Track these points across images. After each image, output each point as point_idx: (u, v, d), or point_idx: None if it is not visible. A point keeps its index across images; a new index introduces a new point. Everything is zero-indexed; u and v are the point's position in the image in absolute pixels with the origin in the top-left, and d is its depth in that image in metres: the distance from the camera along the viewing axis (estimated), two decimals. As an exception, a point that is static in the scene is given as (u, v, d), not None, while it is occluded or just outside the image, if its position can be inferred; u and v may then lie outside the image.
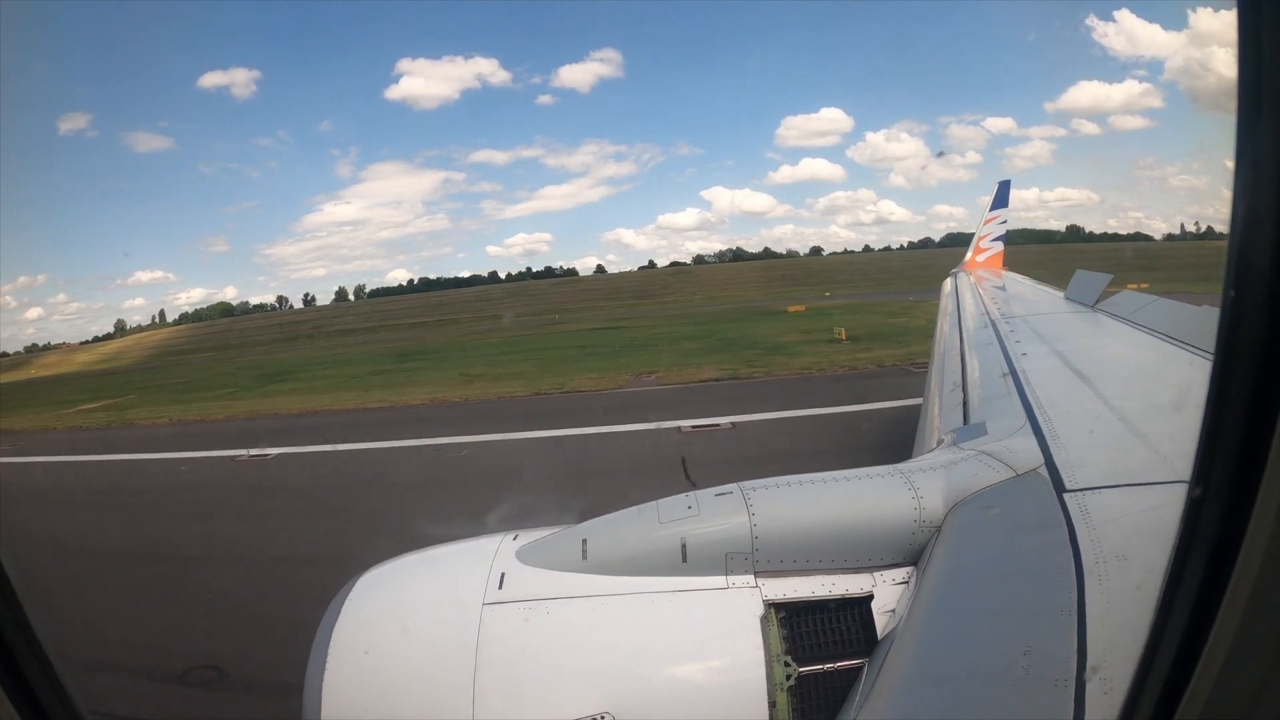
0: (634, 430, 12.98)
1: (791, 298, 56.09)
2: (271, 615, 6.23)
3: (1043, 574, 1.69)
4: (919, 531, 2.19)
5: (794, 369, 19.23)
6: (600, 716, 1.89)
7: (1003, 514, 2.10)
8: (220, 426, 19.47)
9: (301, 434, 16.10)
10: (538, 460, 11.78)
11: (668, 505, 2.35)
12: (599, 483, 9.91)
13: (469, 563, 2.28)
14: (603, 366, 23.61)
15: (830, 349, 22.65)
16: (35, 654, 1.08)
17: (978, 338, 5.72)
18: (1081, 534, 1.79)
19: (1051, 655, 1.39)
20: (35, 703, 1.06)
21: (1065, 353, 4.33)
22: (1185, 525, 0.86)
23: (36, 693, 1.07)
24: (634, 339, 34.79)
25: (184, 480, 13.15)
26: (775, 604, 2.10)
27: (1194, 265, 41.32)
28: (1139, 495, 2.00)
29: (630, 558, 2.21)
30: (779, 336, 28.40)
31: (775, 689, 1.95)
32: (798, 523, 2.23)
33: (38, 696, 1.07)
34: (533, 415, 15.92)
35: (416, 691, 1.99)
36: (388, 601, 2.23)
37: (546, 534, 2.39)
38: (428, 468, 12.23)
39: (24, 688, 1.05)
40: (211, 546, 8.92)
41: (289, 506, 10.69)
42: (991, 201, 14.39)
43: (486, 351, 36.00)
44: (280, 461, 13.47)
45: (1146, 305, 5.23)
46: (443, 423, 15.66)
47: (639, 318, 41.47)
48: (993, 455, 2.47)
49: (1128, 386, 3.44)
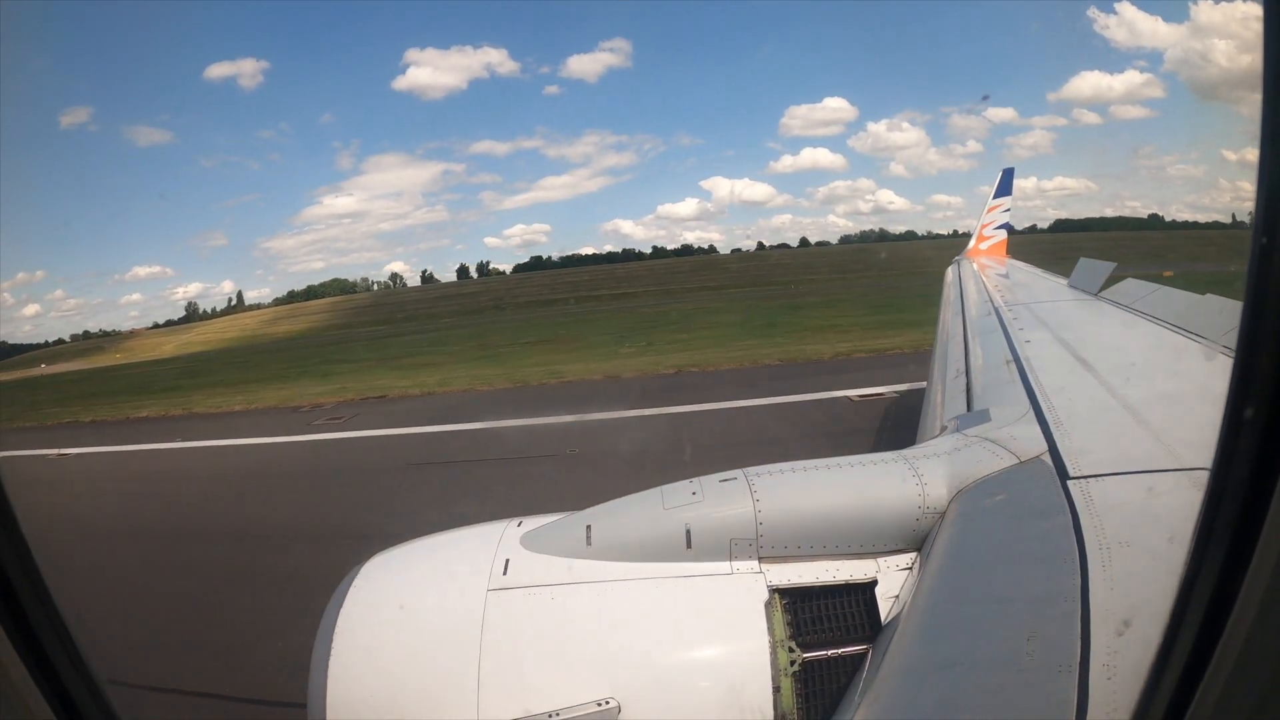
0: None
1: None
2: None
3: (1046, 560, 1.69)
4: (923, 518, 2.19)
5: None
6: (605, 702, 1.90)
7: (1006, 501, 2.10)
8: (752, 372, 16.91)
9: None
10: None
11: (672, 491, 2.35)
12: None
13: (473, 549, 2.29)
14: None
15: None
16: (71, 656, 1.08)
17: (981, 325, 5.70)
18: (1085, 521, 1.79)
19: (1055, 641, 1.39)
20: (72, 706, 1.07)
21: (1068, 340, 4.32)
22: (1207, 509, 0.86)
23: (73, 696, 1.07)
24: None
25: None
26: (779, 589, 2.11)
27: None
28: (1142, 482, 2.00)
29: (634, 544, 2.21)
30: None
31: (780, 674, 1.96)
32: (802, 508, 2.23)
33: (74, 700, 1.07)
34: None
35: (421, 677, 2.00)
36: (393, 588, 2.24)
37: (551, 520, 2.39)
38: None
39: (58, 688, 1.05)
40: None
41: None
42: (995, 189, 14.30)
43: (826, 313, 32.19)
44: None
45: (1150, 293, 5.20)
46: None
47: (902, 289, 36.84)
48: (996, 442, 2.46)
49: (1131, 374, 3.43)
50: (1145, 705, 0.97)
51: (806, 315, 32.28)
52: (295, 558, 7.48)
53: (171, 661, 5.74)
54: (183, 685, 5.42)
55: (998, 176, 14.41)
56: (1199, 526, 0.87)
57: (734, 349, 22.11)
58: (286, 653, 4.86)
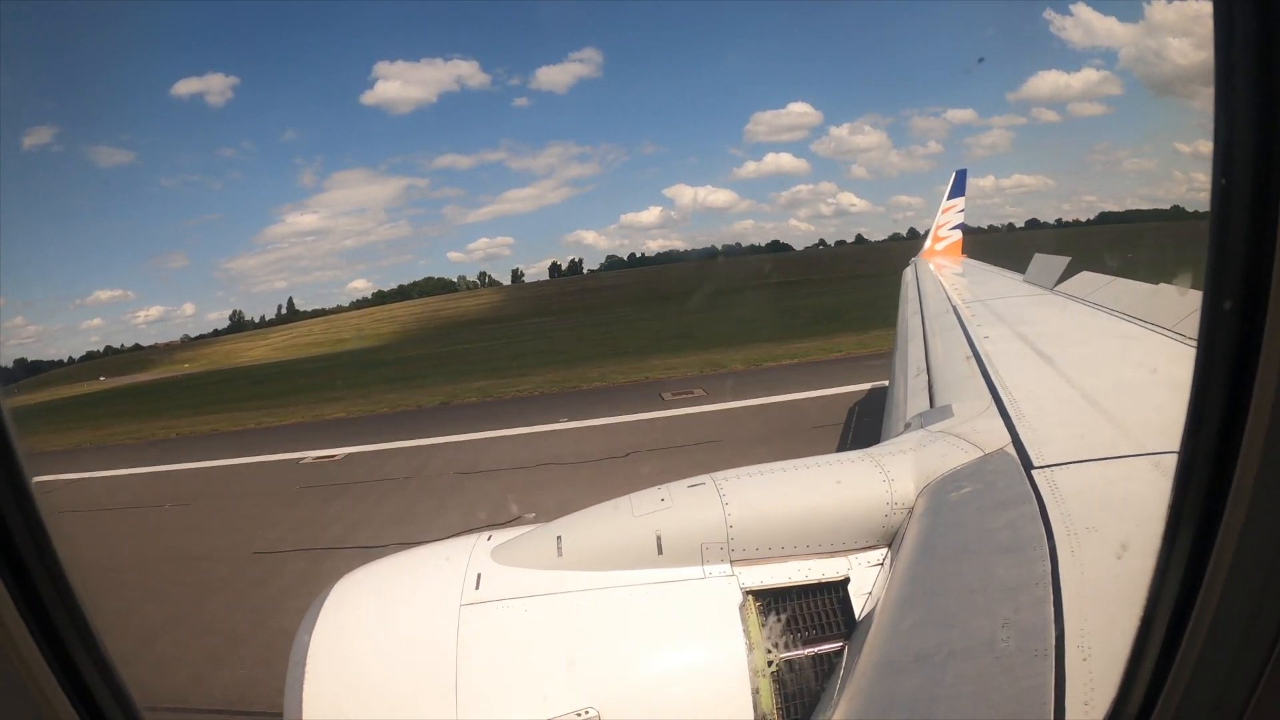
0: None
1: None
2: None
3: (1016, 549, 1.72)
4: (891, 514, 2.21)
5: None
6: (584, 711, 1.87)
7: (973, 493, 2.13)
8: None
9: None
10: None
11: (640, 499, 2.34)
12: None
13: (444, 565, 2.25)
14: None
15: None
16: (93, 653, 1.08)
17: (940, 323, 5.81)
18: (1051, 508, 1.83)
19: (1029, 627, 1.42)
20: (91, 701, 1.07)
21: (1027, 334, 4.43)
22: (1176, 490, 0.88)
23: (93, 692, 1.08)
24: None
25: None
26: (753, 591, 2.11)
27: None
28: (1104, 469, 2.05)
29: (606, 552, 2.19)
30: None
31: (757, 676, 1.96)
32: (771, 510, 2.23)
33: (94, 695, 1.08)
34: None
35: (398, 696, 1.95)
36: (365, 607, 2.19)
37: (520, 533, 2.36)
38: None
39: (81, 687, 1.06)
40: None
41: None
42: (949, 190, 14.69)
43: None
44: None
45: (1104, 286, 5.38)
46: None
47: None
48: (960, 436, 2.50)
49: (1088, 365, 3.53)
50: (1127, 684, 0.99)
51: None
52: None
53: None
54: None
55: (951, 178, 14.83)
56: (1171, 507, 0.89)
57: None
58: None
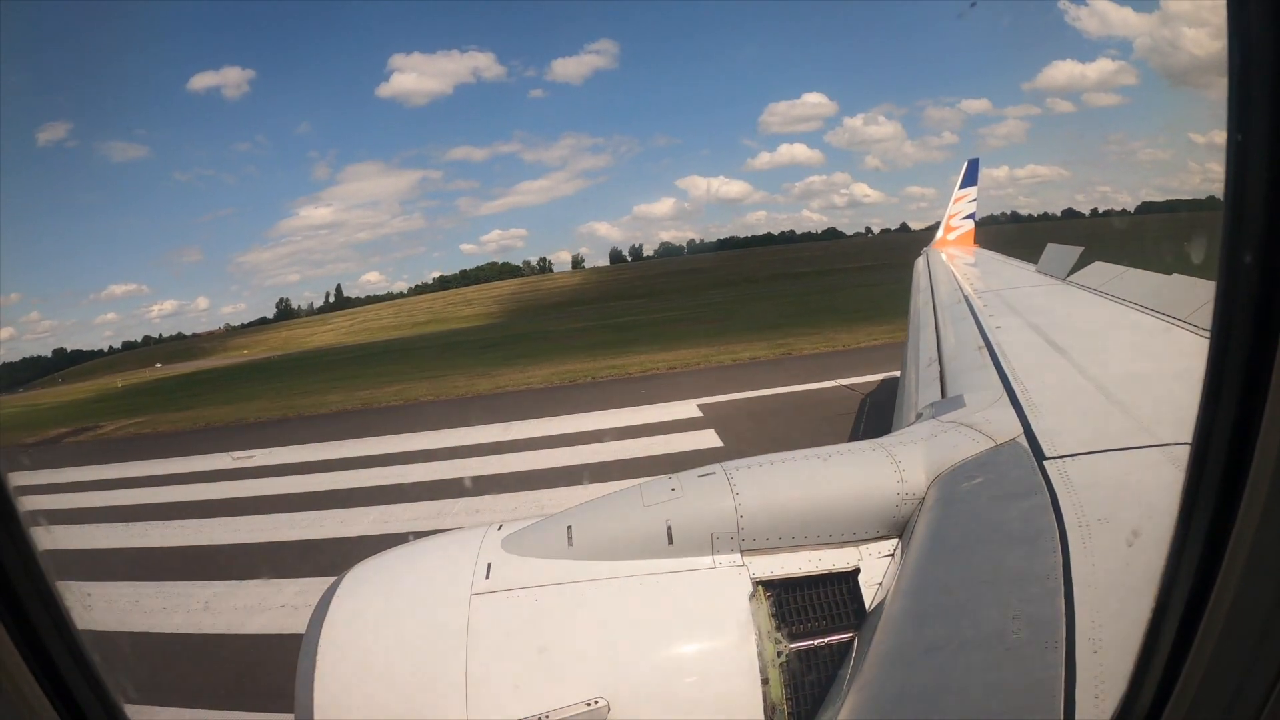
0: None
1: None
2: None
3: (1027, 540, 1.71)
4: (902, 504, 2.21)
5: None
6: (594, 701, 1.89)
7: (985, 483, 2.12)
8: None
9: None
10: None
11: (650, 488, 2.34)
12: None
13: (455, 554, 2.26)
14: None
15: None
16: (73, 652, 1.08)
17: (952, 313, 5.77)
18: (1063, 499, 1.82)
19: (1040, 619, 1.41)
20: (71, 701, 1.07)
21: (1039, 324, 4.39)
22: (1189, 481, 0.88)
23: (73, 691, 1.08)
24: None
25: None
26: (763, 581, 2.11)
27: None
28: (1117, 460, 2.04)
29: (616, 542, 2.20)
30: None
31: (767, 666, 1.96)
32: (782, 500, 2.23)
33: (74, 695, 1.08)
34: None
35: (409, 685, 1.97)
36: (376, 597, 2.21)
37: (531, 522, 2.37)
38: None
39: (60, 687, 1.06)
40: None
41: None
42: (961, 180, 14.56)
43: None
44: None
45: (1117, 276, 5.32)
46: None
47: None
48: (972, 426, 2.49)
49: (1101, 355, 3.50)
50: (1138, 678, 0.99)
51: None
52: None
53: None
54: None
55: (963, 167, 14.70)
56: (1183, 498, 0.88)
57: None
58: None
